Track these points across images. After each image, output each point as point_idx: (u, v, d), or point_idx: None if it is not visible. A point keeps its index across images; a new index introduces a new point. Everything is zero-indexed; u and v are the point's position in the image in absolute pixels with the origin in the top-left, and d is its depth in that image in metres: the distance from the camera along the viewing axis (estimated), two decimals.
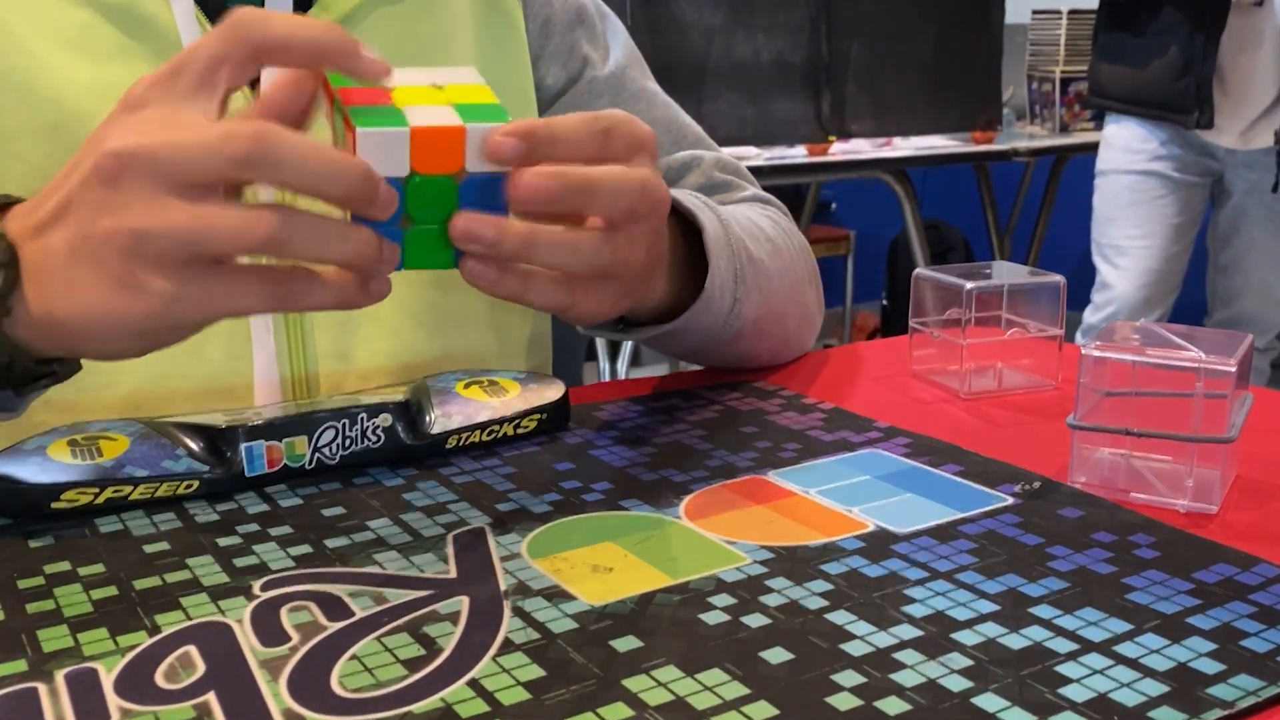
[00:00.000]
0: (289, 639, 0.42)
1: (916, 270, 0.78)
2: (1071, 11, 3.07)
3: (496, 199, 0.48)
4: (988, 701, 0.38)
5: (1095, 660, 0.40)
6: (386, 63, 0.47)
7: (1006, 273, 0.76)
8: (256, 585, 0.46)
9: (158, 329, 0.47)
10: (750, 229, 0.73)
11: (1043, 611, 0.44)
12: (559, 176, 0.48)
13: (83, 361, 0.53)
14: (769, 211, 0.80)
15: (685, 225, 0.67)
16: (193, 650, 0.41)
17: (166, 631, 0.42)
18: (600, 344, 2.62)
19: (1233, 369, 0.54)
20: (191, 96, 0.46)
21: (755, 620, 0.43)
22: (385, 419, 0.59)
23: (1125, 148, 2.32)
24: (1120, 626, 0.42)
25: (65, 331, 0.48)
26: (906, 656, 0.40)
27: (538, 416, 0.63)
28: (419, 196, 0.47)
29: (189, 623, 0.43)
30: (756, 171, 2.50)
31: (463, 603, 0.44)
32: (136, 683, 0.39)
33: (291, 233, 0.44)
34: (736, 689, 0.38)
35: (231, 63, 0.46)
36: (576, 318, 0.54)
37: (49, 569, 0.47)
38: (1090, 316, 2.41)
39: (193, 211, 0.44)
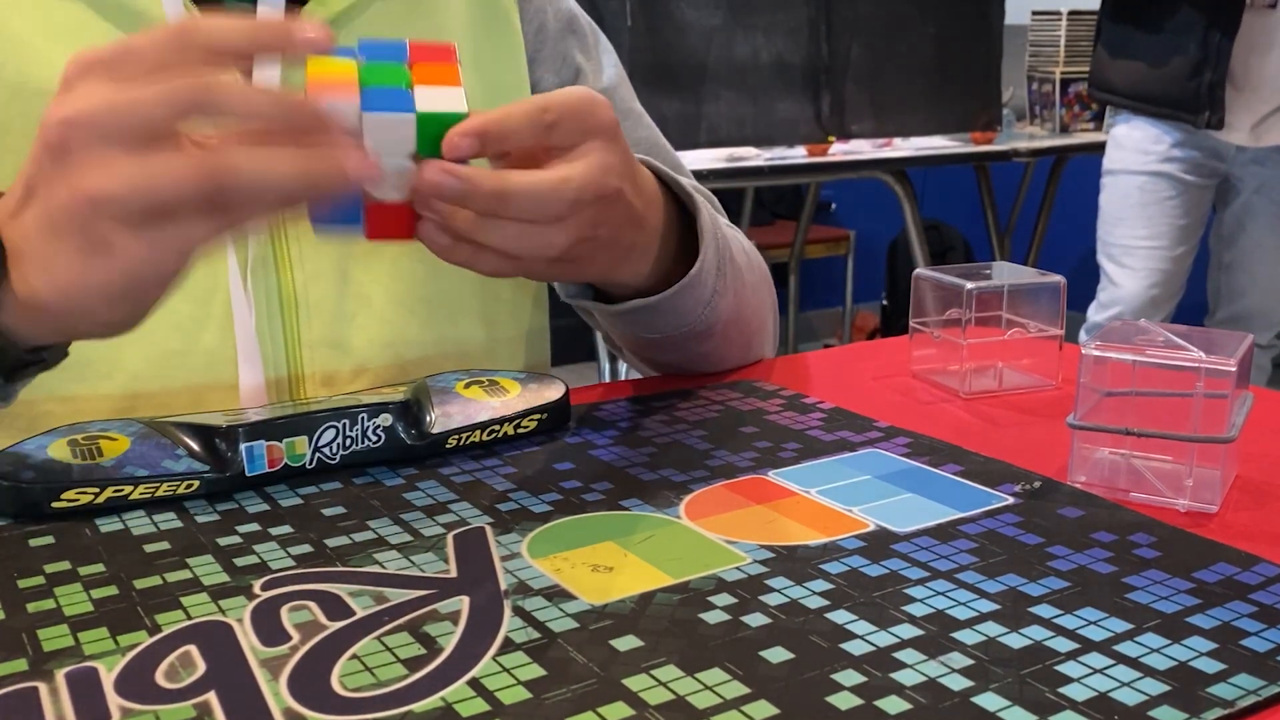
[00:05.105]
0: (289, 638, 0.42)
1: (916, 270, 0.78)
2: (1071, 12, 3.07)
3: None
4: (988, 701, 0.38)
5: (1095, 659, 0.40)
6: (326, 30, 0.46)
7: (1006, 273, 0.76)
8: (257, 585, 0.46)
9: (136, 288, 0.47)
10: (729, 236, 0.75)
11: (1043, 611, 0.44)
12: (467, 180, 0.49)
13: (82, 348, 0.54)
14: (738, 237, 0.82)
15: (674, 211, 0.67)
16: (193, 650, 0.41)
17: (167, 631, 0.42)
18: (600, 344, 2.62)
19: (1233, 369, 0.54)
20: (129, 82, 0.45)
21: (755, 620, 0.43)
22: (386, 419, 0.59)
23: (1136, 149, 2.30)
24: (1120, 626, 0.42)
25: (50, 310, 0.48)
26: (907, 656, 0.40)
27: (538, 416, 0.63)
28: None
29: (189, 622, 0.43)
30: (756, 172, 2.53)
31: (463, 602, 0.44)
32: (137, 682, 0.39)
33: (245, 162, 0.45)
34: (737, 688, 0.38)
35: (169, 66, 0.46)
36: (528, 276, 0.57)
37: (49, 569, 0.47)
38: (1095, 315, 2.40)
39: (142, 165, 0.44)
